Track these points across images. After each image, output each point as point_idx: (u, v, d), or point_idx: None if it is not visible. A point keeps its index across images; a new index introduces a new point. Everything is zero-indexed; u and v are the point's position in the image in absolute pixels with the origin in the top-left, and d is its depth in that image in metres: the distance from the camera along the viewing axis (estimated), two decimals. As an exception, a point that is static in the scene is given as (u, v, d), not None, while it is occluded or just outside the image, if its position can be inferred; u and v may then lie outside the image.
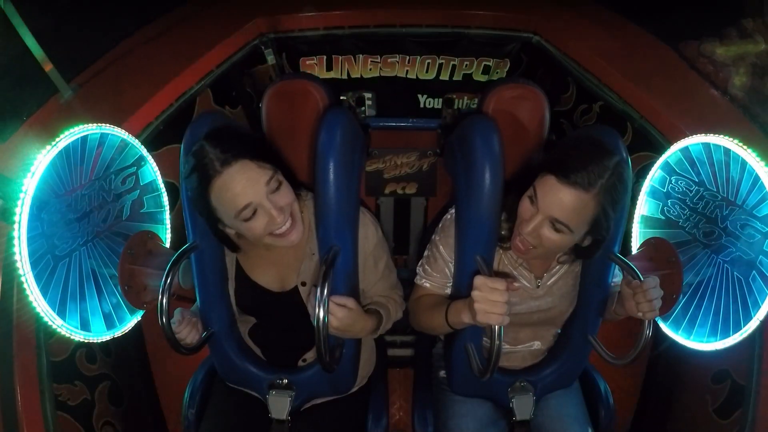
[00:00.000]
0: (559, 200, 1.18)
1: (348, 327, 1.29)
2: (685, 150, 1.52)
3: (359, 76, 2.28)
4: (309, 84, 1.65)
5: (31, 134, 1.53)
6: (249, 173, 1.18)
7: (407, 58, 2.23)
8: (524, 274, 1.45)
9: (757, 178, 1.31)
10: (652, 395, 2.00)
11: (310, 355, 1.52)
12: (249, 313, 1.52)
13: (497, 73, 2.27)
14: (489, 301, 1.14)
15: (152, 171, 1.68)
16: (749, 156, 1.32)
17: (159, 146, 1.76)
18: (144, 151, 1.63)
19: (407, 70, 2.27)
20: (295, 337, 1.51)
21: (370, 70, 2.27)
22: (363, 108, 2.32)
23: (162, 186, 1.71)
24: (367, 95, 2.35)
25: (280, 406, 1.48)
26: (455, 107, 2.36)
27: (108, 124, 1.49)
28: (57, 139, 1.28)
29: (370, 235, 1.46)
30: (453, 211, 1.45)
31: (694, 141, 1.49)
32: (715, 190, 1.44)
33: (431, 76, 2.28)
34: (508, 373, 1.54)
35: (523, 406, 1.52)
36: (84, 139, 1.38)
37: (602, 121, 2.02)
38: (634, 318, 1.31)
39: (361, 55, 2.22)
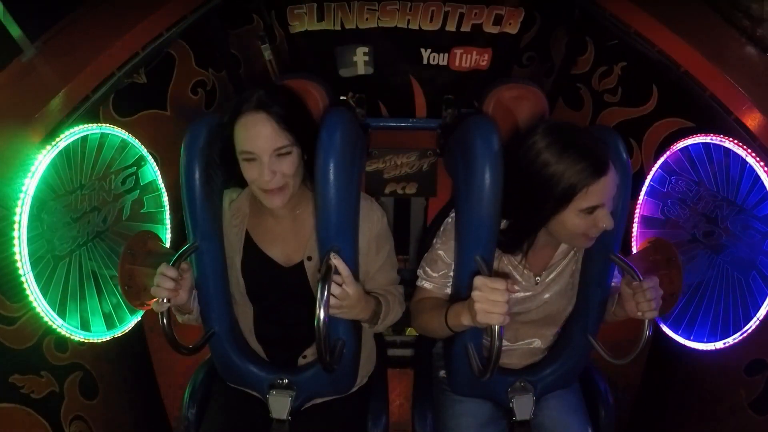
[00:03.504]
0: (606, 191, 1.21)
1: (347, 307, 1.28)
2: (685, 150, 1.52)
3: (354, 26, 2.08)
4: (309, 84, 1.65)
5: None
6: (267, 130, 1.26)
7: (408, 4, 2.01)
8: (524, 273, 1.46)
9: (757, 178, 1.31)
10: (652, 385, 1.92)
11: (310, 352, 1.52)
12: (253, 292, 1.49)
13: (510, 24, 2.06)
14: (489, 301, 1.14)
15: (152, 171, 1.68)
16: (749, 156, 1.32)
17: (133, 112, 1.64)
18: (144, 151, 1.63)
19: (409, 20, 2.06)
20: (296, 330, 1.50)
21: (367, 19, 2.06)
22: (362, 109, 2.19)
23: (162, 186, 1.71)
24: (363, 49, 2.15)
25: (280, 406, 1.48)
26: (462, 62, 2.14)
27: (108, 124, 1.49)
28: (57, 140, 1.28)
29: (375, 220, 1.46)
30: (453, 215, 1.45)
31: (694, 141, 1.49)
32: (715, 190, 1.44)
33: (436, 26, 2.07)
34: (508, 373, 1.54)
35: (523, 406, 1.51)
36: (84, 138, 1.38)
37: (625, 84, 1.91)
38: (634, 318, 1.31)
39: (356, 2, 2.02)
